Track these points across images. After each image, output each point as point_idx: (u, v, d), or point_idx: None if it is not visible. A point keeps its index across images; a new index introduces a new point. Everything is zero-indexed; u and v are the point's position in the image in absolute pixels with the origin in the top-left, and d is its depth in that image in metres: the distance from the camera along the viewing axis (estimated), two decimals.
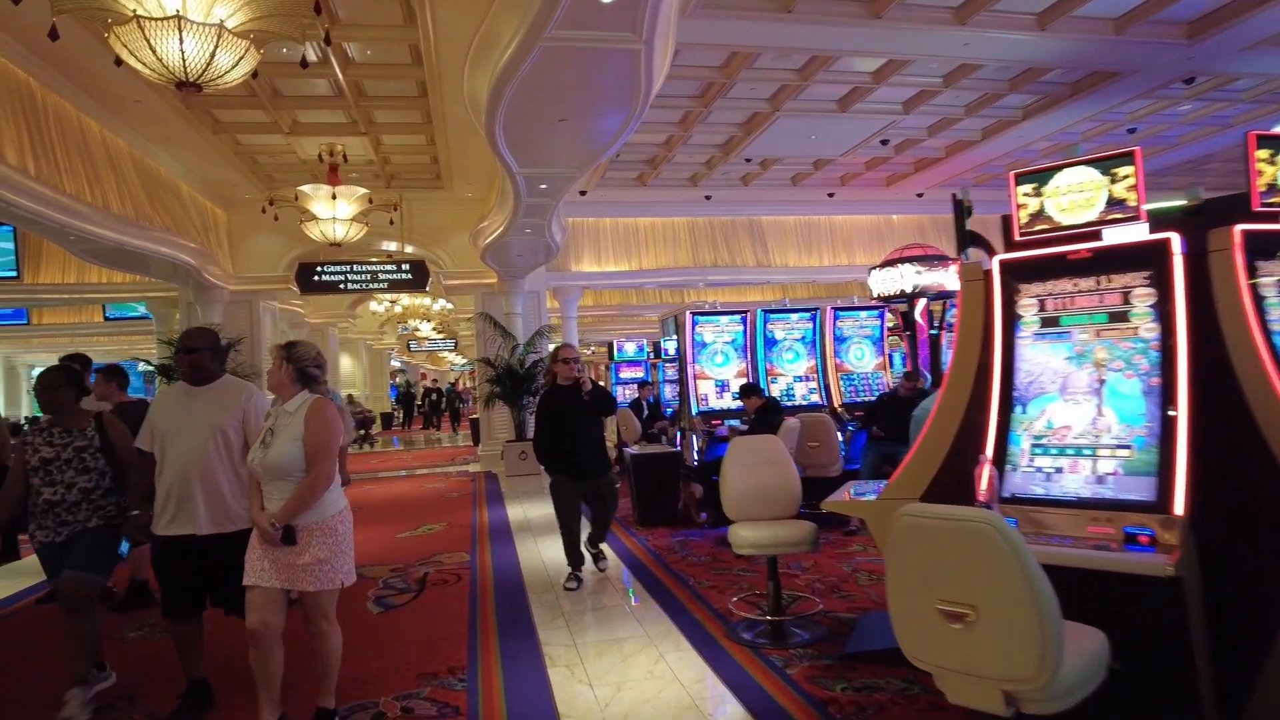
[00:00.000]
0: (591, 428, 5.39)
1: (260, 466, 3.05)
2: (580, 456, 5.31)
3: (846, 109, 9.95)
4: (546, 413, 5.42)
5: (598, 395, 5.36)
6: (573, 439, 5.28)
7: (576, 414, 5.29)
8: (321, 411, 3.11)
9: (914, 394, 7.13)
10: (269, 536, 2.99)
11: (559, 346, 5.64)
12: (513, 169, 6.37)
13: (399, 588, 5.57)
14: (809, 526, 4.11)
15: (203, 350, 3.53)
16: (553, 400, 5.40)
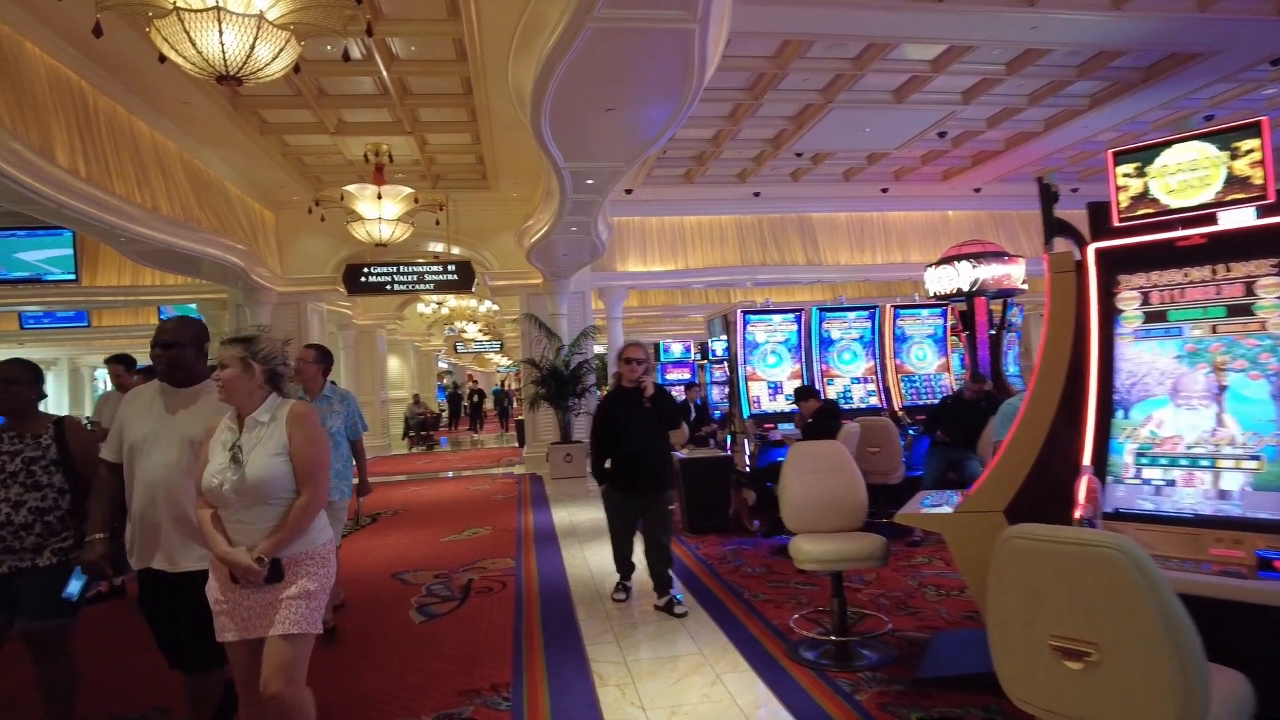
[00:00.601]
0: (653, 440, 4.76)
1: (233, 491, 2.44)
2: (637, 471, 4.74)
3: (903, 100, 9.55)
4: (604, 419, 4.88)
5: (661, 403, 4.76)
6: (632, 451, 4.73)
7: (638, 423, 4.72)
8: (307, 418, 2.59)
9: (980, 397, 6.76)
10: (251, 575, 2.40)
11: (626, 344, 5.00)
12: (558, 163, 6.17)
13: (442, 595, 5.40)
14: (877, 541, 3.81)
15: (185, 345, 2.91)
16: (613, 405, 4.86)
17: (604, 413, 4.95)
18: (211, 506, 2.52)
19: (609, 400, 4.97)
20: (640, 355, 4.79)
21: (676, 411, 4.96)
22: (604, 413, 4.95)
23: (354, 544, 7.42)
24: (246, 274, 10.50)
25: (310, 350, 4.66)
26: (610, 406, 4.92)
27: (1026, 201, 14.64)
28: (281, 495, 2.50)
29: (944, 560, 5.71)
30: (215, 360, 2.64)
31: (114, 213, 7.17)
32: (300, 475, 2.52)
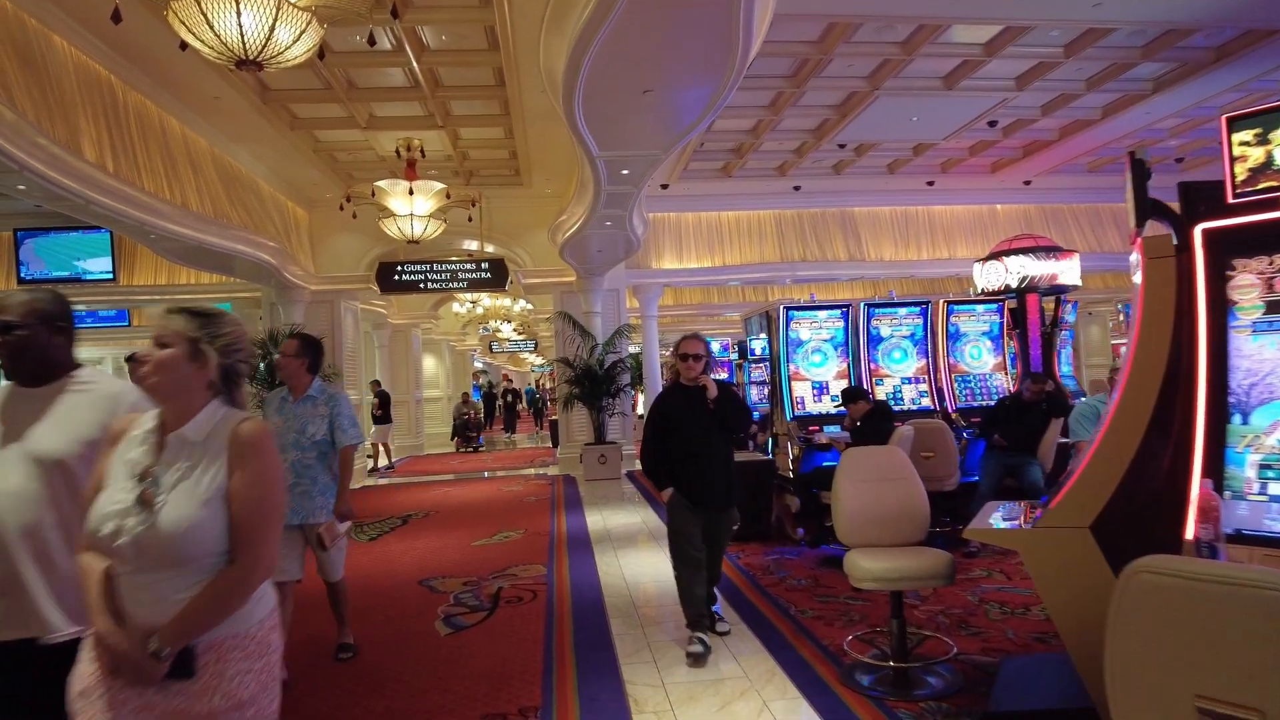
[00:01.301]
0: (717, 446, 4.14)
1: (133, 546, 1.61)
2: (700, 481, 4.10)
3: (953, 86, 9.09)
4: (659, 419, 4.22)
5: (725, 404, 4.08)
6: (692, 458, 4.08)
7: (698, 426, 4.08)
8: (259, 447, 1.73)
9: (1040, 398, 6.32)
10: (142, 671, 1.57)
11: (683, 337, 4.21)
12: (592, 152, 5.89)
13: (471, 605, 5.15)
14: (942, 557, 3.45)
15: (29, 326, 2.00)
16: (669, 405, 4.20)
17: (658, 412, 4.25)
18: (98, 558, 1.65)
19: (663, 399, 4.26)
20: (699, 350, 4.07)
21: (743, 414, 4.29)
22: (658, 412, 4.25)
23: (383, 547, 7.23)
24: (279, 271, 10.40)
25: (294, 341, 4.06)
26: (665, 407, 4.23)
27: (1079, 194, 14.06)
28: (206, 557, 1.64)
29: (1004, 573, 5.31)
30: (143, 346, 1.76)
31: (143, 209, 7.06)
32: (238, 532, 1.67)
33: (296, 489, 3.86)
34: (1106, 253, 14.01)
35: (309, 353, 4.03)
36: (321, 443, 3.94)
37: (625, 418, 12.39)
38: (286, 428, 3.91)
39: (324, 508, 3.95)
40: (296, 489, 3.86)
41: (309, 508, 3.90)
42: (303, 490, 3.89)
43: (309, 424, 3.91)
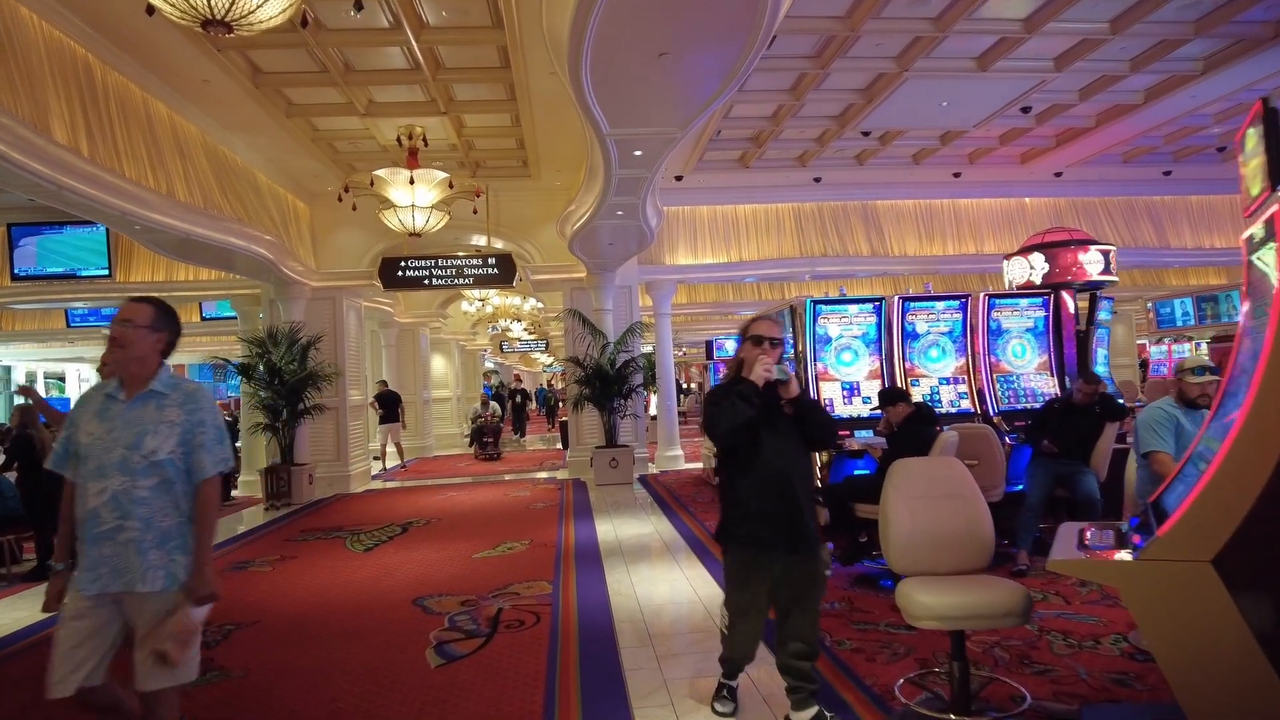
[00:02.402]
0: (796, 462, 3.08)
1: None
2: (774, 515, 2.99)
3: (987, 67, 8.51)
4: (723, 431, 3.03)
5: (808, 409, 3.09)
6: (764, 483, 2.99)
7: (773, 438, 3.04)
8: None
9: (1092, 400, 5.77)
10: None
11: (755, 317, 3.23)
12: (602, 129, 5.38)
13: (466, 630, 4.64)
14: (1017, 592, 2.91)
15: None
16: (722, 399, 3.06)
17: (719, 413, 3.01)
18: None
19: (717, 393, 3.09)
20: (777, 334, 3.10)
21: (829, 423, 3.23)
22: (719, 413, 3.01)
23: (378, 559, 6.75)
24: (276, 266, 9.95)
25: (147, 307, 2.66)
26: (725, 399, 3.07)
27: (1112, 186, 13.45)
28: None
29: (1061, 596, 4.75)
30: None
31: (125, 197, 6.61)
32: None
33: (117, 537, 2.44)
34: (1140, 247, 13.40)
35: (165, 325, 2.68)
36: (166, 465, 2.50)
37: (638, 420, 11.88)
38: (109, 440, 2.48)
39: (163, 573, 2.47)
40: (117, 537, 2.44)
41: (134, 569, 2.44)
42: (128, 540, 2.44)
43: (147, 435, 2.49)
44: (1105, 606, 4.48)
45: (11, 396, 25.49)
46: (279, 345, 10.49)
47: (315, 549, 7.39)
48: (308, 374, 10.51)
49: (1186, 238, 13.65)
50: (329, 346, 11.46)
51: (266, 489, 10.30)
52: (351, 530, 8.21)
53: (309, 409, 10.62)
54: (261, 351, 10.48)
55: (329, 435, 11.59)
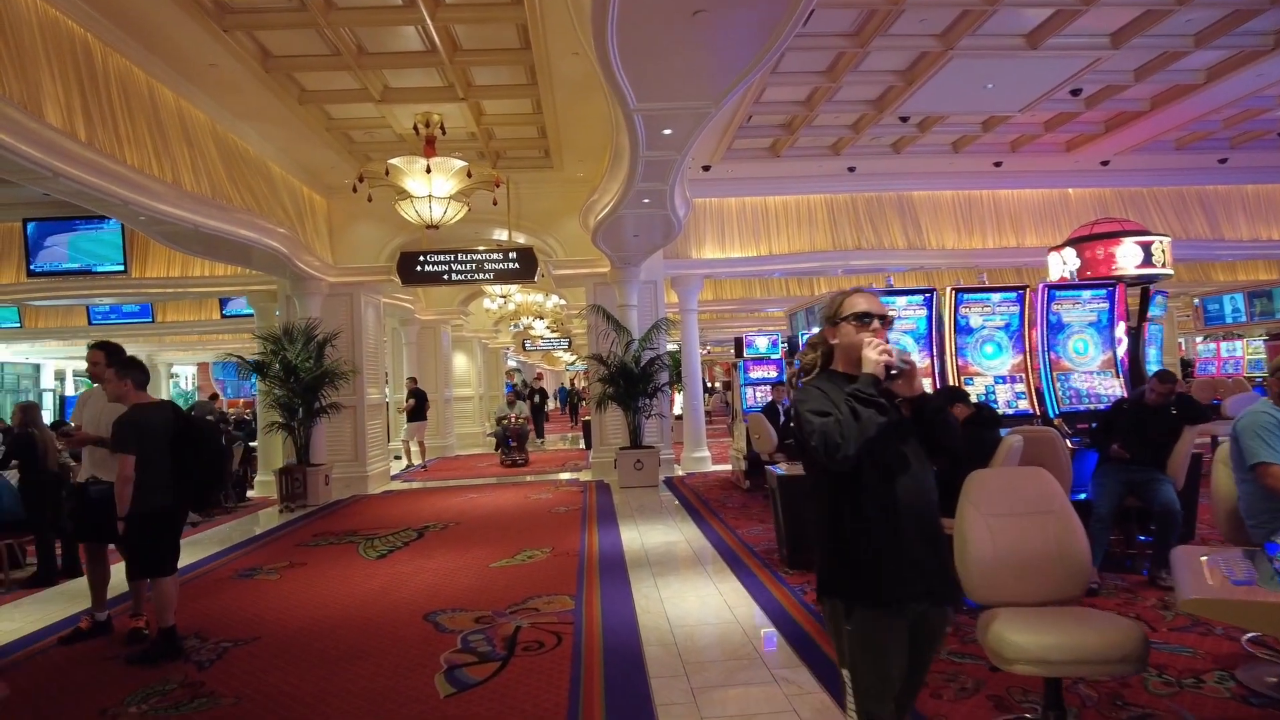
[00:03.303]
0: (929, 483, 2.24)
1: None
2: (914, 553, 2.15)
3: (1038, 44, 7.96)
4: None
5: (932, 411, 2.22)
6: (897, 509, 2.15)
7: (891, 453, 2.20)
8: None
9: (1167, 401, 5.24)
10: None
11: (850, 291, 2.37)
12: (629, 103, 4.93)
13: (481, 652, 4.23)
14: (1132, 632, 2.43)
15: None
16: (827, 406, 2.18)
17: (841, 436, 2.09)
18: None
19: (813, 397, 2.20)
20: (882, 310, 2.27)
21: (954, 424, 2.29)
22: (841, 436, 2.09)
23: (391, 567, 6.38)
24: (290, 261, 9.63)
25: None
26: (825, 404, 2.19)
27: (1162, 176, 12.79)
28: None
29: (1145, 621, 4.23)
30: None
31: (126, 184, 6.28)
32: None
33: None
34: (1192, 240, 12.73)
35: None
36: None
37: (663, 419, 11.44)
38: None
39: None
40: None
41: None
42: None
43: None
44: (1198, 635, 3.97)
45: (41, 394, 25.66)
46: (294, 342, 10.18)
47: (327, 555, 7.03)
48: (323, 371, 10.20)
49: (1242, 229, 12.96)
50: (346, 343, 11.15)
51: (281, 490, 10.00)
52: (366, 535, 7.85)
53: (325, 408, 10.30)
54: (276, 348, 10.18)
55: (346, 435, 11.28)
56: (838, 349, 2.29)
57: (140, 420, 4.20)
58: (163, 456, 4.25)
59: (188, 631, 4.73)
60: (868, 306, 2.24)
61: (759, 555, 6.10)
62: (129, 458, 4.10)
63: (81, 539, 4.83)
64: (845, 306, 2.28)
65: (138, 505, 4.15)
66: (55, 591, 6.05)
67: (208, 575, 6.40)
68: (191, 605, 5.41)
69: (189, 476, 4.35)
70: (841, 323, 2.27)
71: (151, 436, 4.21)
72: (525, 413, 15.36)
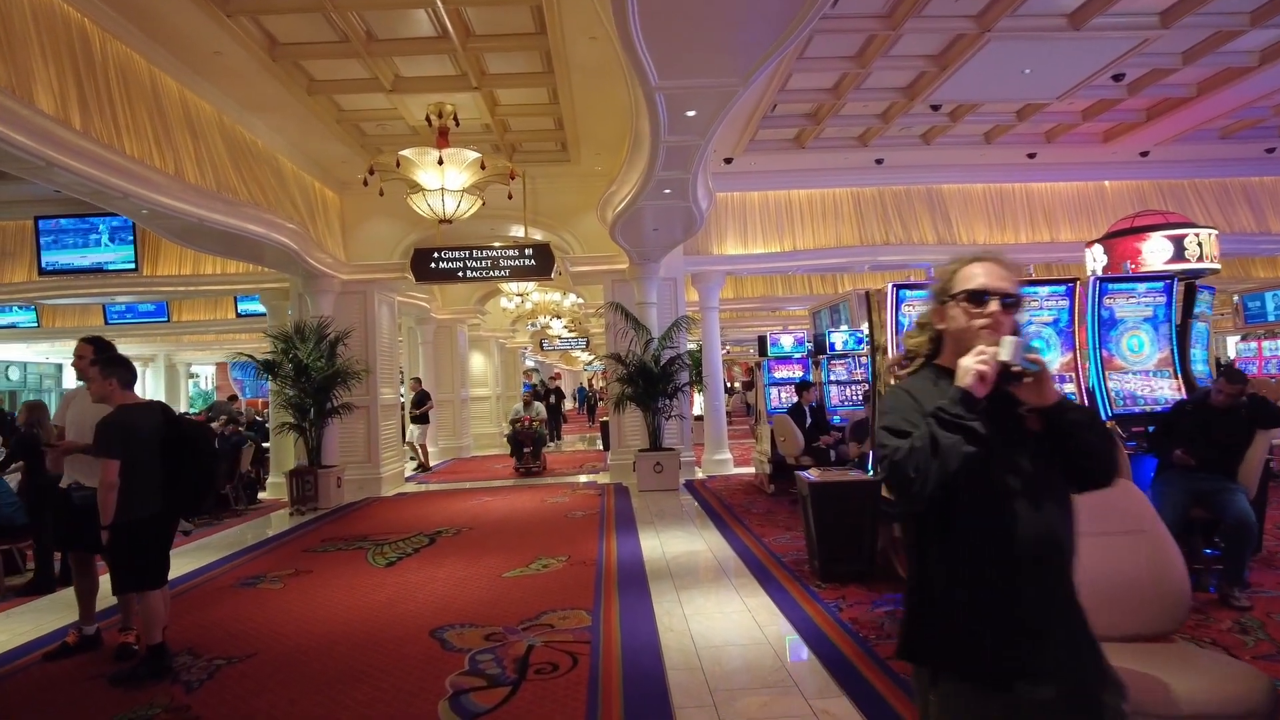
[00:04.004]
0: (1059, 521, 1.65)
1: None
2: (1027, 614, 1.58)
3: (1081, 25, 7.51)
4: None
5: (1068, 424, 1.63)
6: (1003, 554, 1.59)
7: (1014, 473, 1.63)
8: None
9: (1236, 404, 4.82)
10: None
11: (967, 259, 1.78)
12: (651, 81, 4.58)
13: (490, 674, 3.90)
14: (1259, 682, 2.04)
15: None
16: (911, 421, 1.68)
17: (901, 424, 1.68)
18: None
19: (898, 406, 1.72)
20: (1012, 285, 1.72)
21: (1110, 453, 1.69)
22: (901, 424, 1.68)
23: (399, 576, 6.07)
24: (301, 257, 9.37)
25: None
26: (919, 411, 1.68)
27: (1204, 167, 12.27)
28: None
29: (1222, 646, 3.82)
30: None
31: (124, 175, 6.02)
32: None
33: None
34: (1236, 233, 12.19)
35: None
36: None
37: (684, 421, 11.08)
38: None
39: None
40: None
41: None
42: None
43: None
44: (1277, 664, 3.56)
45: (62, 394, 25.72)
46: (306, 341, 9.94)
47: (334, 562, 6.75)
48: (335, 371, 9.94)
49: None
50: (359, 342, 10.89)
51: (292, 493, 9.75)
52: (376, 540, 7.56)
53: (337, 408, 10.05)
54: (288, 347, 9.94)
55: (359, 436, 11.02)
56: (947, 337, 1.74)
57: (125, 422, 3.91)
58: (151, 461, 3.96)
59: (180, 646, 4.45)
60: (986, 280, 1.67)
61: (788, 566, 5.73)
62: (112, 463, 3.81)
63: (66, 548, 4.57)
64: (957, 279, 1.72)
65: (123, 513, 3.86)
66: (53, 599, 5.80)
67: (209, 583, 6.13)
68: (188, 617, 5.14)
69: (179, 482, 4.05)
70: (950, 302, 1.70)
71: (138, 439, 3.92)
72: (542, 414, 14.41)
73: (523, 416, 13.35)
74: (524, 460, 12.77)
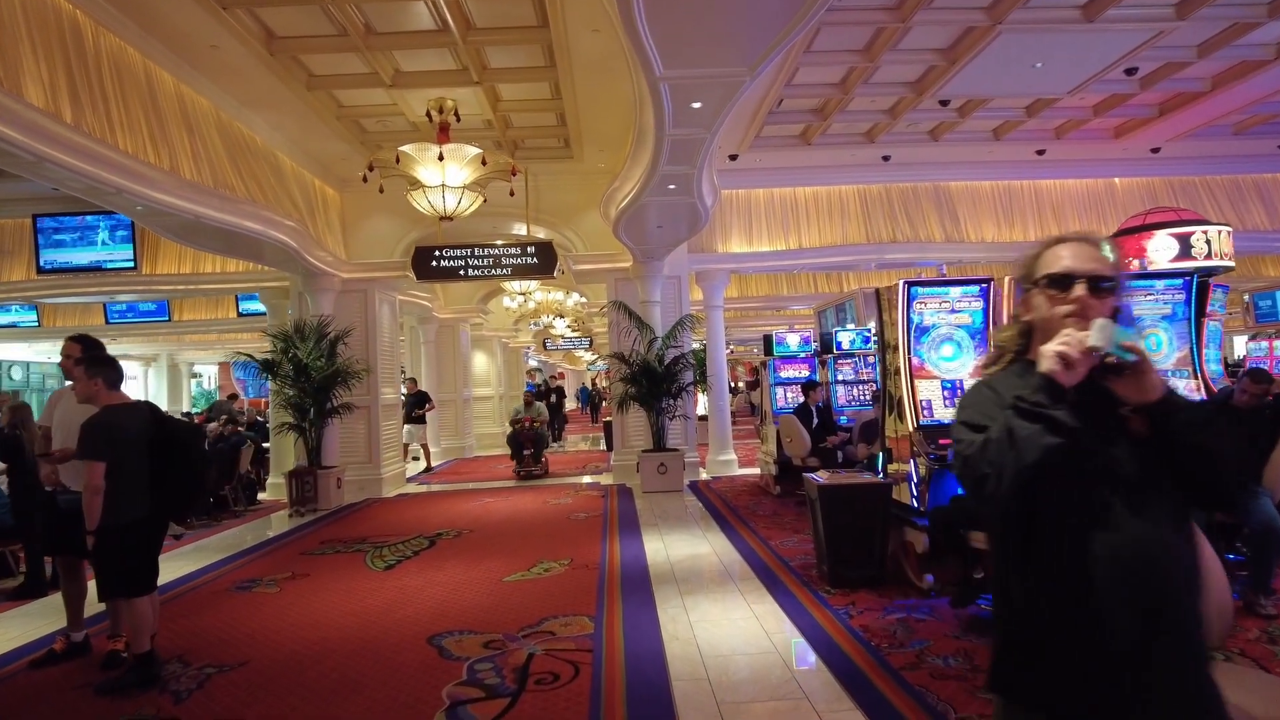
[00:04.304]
0: (1168, 536, 1.39)
1: None
2: (1131, 646, 1.34)
3: (1094, 17, 7.35)
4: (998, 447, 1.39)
5: (1179, 424, 1.38)
6: (1099, 575, 1.36)
7: (1113, 481, 1.39)
8: None
9: (1260, 404, 4.66)
10: None
11: (1050, 241, 1.56)
12: (655, 70, 4.44)
13: (489, 685, 3.76)
14: None
15: None
16: (989, 415, 1.45)
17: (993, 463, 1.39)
18: None
19: (978, 401, 1.53)
20: (1104, 267, 1.48)
21: (1232, 462, 1.43)
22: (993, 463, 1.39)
23: (397, 580, 5.94)
24: (300, 255, 9.25)
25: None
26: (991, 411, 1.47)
27: (1216, 164, 12.09)
28: None
29: (1251, 659, 3.67)
30: None
31: (117, 170, 5.90)
32: None
33: None
34: (1249, 231, 12.01)
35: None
36: None
37: (688, 421, 10.93)
38: None
39: None
40: None
41: None
42: None
43: None
44: None
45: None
46: (306, 340, 9.82)
47: (332, 565, 6.62)
48: (335, 370, 9.81)
49: None
50: (360, 341, 10.77)
51: (291, 494, 9.63)
52: (375, 542, 7.44)
53: (337, 408, 9.92)
54: (287, 346, 9.82)
55: (360, 436, 10.90)
56: (1035, 329, 1.55)
57: (111, 423, 3.78)
58: (138, 463, 3.83)
59: (171, 654, 4.33)
60: (1072, 263, 1.47)
61: (796, 571, 5.58)
62: (98, 465, 3.68)
63: (53, 552, 4.44)
64: (1041, 263, 1.54)
65: (109, 517, 3.73)
66: (44, 604, 5.67)
67: (204, 587, 6.01)
68: (181, 622, 5.01)
69: (168, 485, 3.92)
70: (1033, 289, 1.54)
71: (124, 441, 3.79)
72: (543, 414, 13.74)
73: (523, 417, 12.71)
74: (524, 463, 12.20)
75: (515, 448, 12.34)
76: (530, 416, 12.61)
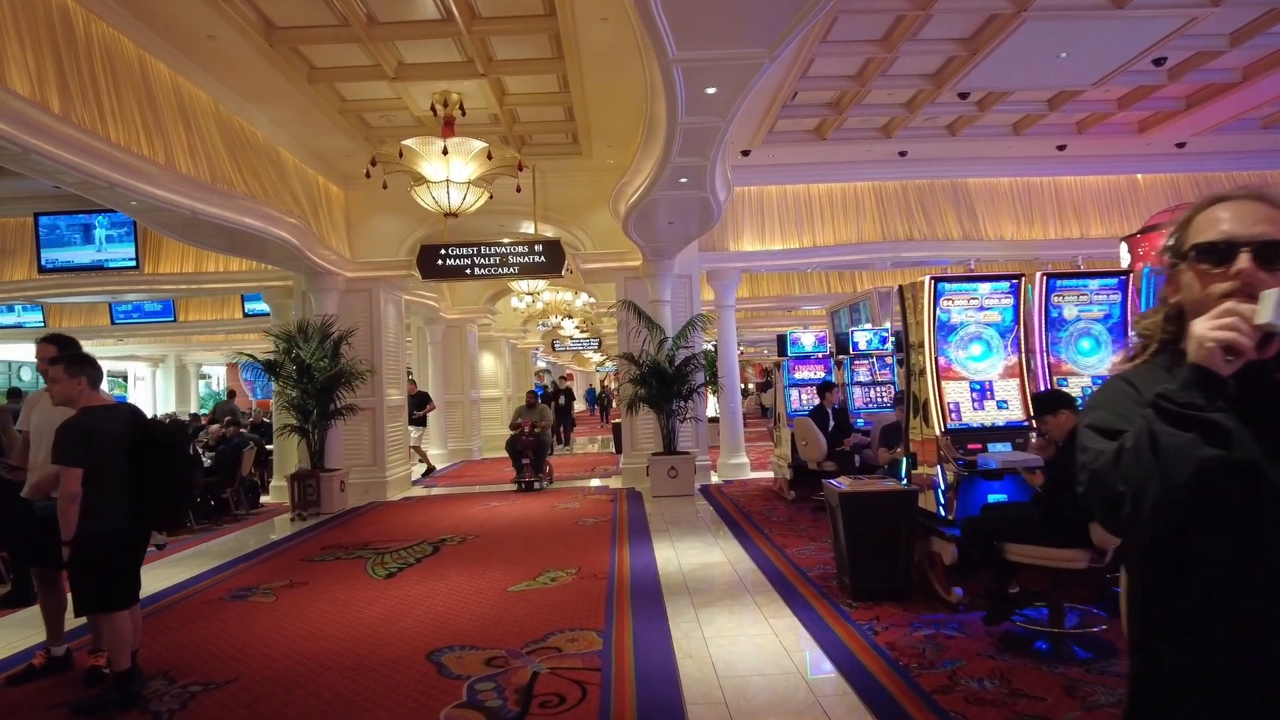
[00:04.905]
0: None
1: None
2: (1247, 681, 1.08)
3: (1124, 3, 7.05)
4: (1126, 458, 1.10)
5: None
6: (1226, 599, 1.10)
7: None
8: None
9: None
10: None
11: (1203, 203, 1.28)
12: (668, 53, 4.19)
13: (490, 707, 3.51)
14: None
15: None
16: (1127, 418, 1.16)
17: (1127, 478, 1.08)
18: None
19: (1113, 399, 1.23)
20: (1271, 231, 1.17)
21: None
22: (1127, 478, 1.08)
23: (398, 590, 5.70)
24: (302, 253, 9.04)
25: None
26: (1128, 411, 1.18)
27: (1244, 159, 11.75)
28: None
29: None
30: None
31: (108, 163, 5.69)
32: None
33: None
34: None
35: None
36: None
37: (699, 423, 10.67)
38: None
39: None
40: None
41: None
42: None
43: None
44: None
45: None
46: (309, 340, 9.61)
47: (332, 572, 6.39)
48: (339, 371, 9.60)
49: None
50: (364, 342, 10.56)
51: (293, 497, 9.42)
52: (378, 548, 7.21)
53: (340, 410, 9.71)
54: (290, 346, 9.62)
55: (364, 438, 10.69)
56: (1186, 312, 1.23)
57: (89, 426, 3.55)
58: (118, 469, 3.59)
59: (156, 669, 4.10)
60: (1232, 227, 1.18)
61: (814, 582, 5.32)
62: (74, 471, 3.46)
63: (31, 563, 4.22)
64: (1193, 229, 1.24)
65: (86, 526, 3.50)
66: (32, 613, 5.38)
67: (198, 596, 5.78)
68: (170, 635, 4.79)
69: (150, 492, 3.69)
70: (1181, 264, 1.24)
71: (103, 446, 3.56)
72: (547, 417, 11.79)
73: (522, 421, 11.15)
74: (524, 473, 10.81)
75: (514, 456, 11.01)
76: (530, 420, 11.12)
